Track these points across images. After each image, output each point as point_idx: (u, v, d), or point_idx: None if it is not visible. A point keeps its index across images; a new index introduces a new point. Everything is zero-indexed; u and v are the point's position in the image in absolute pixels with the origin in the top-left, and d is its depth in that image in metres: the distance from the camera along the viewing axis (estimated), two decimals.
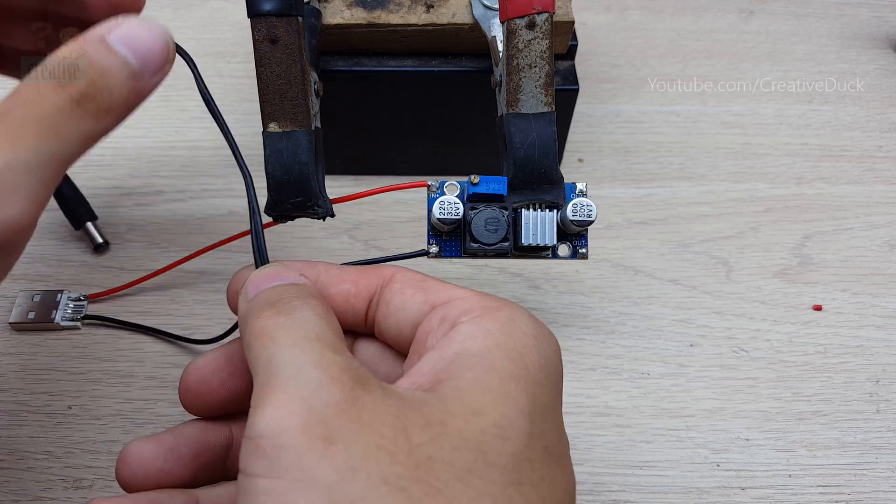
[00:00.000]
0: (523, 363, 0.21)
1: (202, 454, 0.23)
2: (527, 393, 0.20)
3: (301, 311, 0.21)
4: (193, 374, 0.24)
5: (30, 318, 0.33)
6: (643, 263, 0.37)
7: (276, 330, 0.21)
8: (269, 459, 0.18)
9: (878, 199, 0.40)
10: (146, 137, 0.41)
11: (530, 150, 0.27)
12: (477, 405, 0.20)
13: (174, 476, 0.23)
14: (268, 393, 0.19)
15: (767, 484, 0.31)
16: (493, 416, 0.20)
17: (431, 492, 0.18)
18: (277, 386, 0.19)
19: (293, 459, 0.18)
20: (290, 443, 0.18)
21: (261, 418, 0.18)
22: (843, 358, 0.34)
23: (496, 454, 0.19)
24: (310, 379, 0.19)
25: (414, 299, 0.24)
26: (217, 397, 0.24)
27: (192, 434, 0.24)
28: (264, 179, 0.27)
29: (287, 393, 0.19)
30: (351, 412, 0.18)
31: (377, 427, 0.18)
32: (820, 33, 0.48)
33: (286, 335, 0.20)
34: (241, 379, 0.24)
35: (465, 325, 0.22)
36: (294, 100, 0.27)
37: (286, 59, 0.27)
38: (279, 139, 0.27)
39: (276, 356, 0.20)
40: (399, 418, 0.19)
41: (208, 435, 0.24)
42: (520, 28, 0.27)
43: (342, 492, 0.17)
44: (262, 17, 0.26)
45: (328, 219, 0.28)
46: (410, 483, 0.18)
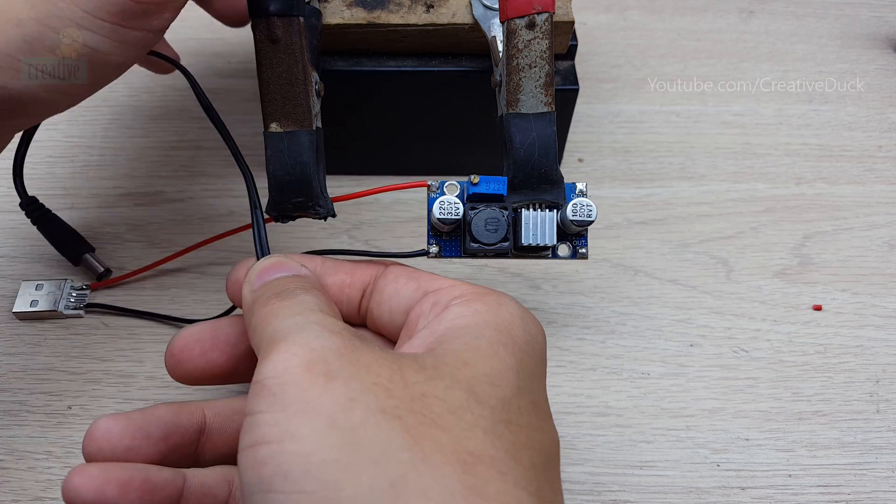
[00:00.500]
0: (510, 335, 0.22)
1: (172, 436, 0.24)
2: (514, 356, 0.22)
3: (302, 295, 0.23)
4: (179, 341, 0.25)
5: (33, 307, 0.34)
6: (643, 263, 0.37)
7: (279, 310, 0.22)
8: (273, 396, 0.19)
9: (878, 199, 0.40)
10: (146, 137, 0.41)
11: (530, 150, 0.27)
12: (467, 358, 0.21)
13: (141, 455, 0.23)
14: (272, 346, 0.20)
15: (767, 484, 0.31)
16: (484, 368, 0.21)
17: (426, 421, 0.19)
18: (281, 339, 0.20)
19: (296, 394, 0.19)
20: (293, 380, 0.19)
21: (266, 363, 0.20)
22: (843, 358, 0.34)
23: (486, 396, 0.20)
24: (311, 330, 0.20)
25: (407, 287, 0.25)
26: (195, 366, 0.25)
27: (164, 415, 0.24)
28: (265, 179, 0.27)
29: (289, 341, 0.20)
30: (350, 355, 0.20)
31: (374, 368, 0.20)
32: (820, 33, 0.48)
33: (288, 311, 0.22)
34: (221, 352, 0.25)
35: (455, 307, 0.23)
36: (295, 100, 0.27)
37: (287, 59, 0.27)
38: (280, 139, 0.27)
39: (278, 324, 0.21)
40: (395, 363, 0.20)
41: (181, 417, 0.24)
42: (520, 28, 0.27)
43: (342, 419, 0.18)
44: (263, 17, 0.26)
45: (329, 219, 0.28)
46: (406, 413, 0.19)
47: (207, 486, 0.24)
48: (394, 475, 0.18)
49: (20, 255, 0.36)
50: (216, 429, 0.25)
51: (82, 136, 0.41)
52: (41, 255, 0.36)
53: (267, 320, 0.22)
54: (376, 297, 0.25)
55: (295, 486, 0.18)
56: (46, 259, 0.36)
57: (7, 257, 0.36)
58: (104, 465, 0.22)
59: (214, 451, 0.25)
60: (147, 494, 0.22)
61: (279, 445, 0.18)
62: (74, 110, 0.41)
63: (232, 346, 0.25)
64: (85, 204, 0.38)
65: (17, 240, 0.37)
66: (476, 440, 0.19)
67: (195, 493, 0.23)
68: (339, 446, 0.18)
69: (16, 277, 0.35)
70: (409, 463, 0.18)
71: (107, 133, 0.41)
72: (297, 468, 0.18)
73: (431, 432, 0.19)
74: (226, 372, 0.26)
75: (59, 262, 0.36)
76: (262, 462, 0.18)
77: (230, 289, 0.26)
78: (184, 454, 0.24)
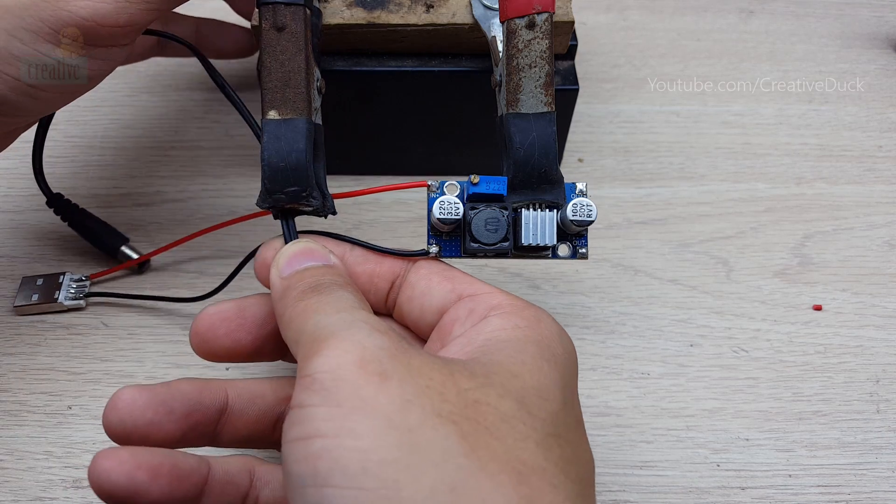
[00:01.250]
0: (551, 352, 0.23)
1: (194, 413, 0.23)
2: (557, 372, 0.22)
3: (339, 291, 0.23)
4: (204, 318, 0.25)
5: (34, 300, 0.34)
6: (643, 263, 0.37)
7: (319, 305, 0.22)
8: (326, 391, 0.19)
9: (878, 199, 0.40)
10: (146, 137, 0.41)
11: (530, 149, 0.27)
12: (515, 370, 0.21)
13: (163, 431, 0.23)
14: (320, 342, 0.20)
15: (767, 484, 0.31)
16: (532, 381, 0.21)
17: (480, 429, 0.19)
18: (330, 335, 0.20)
19: (351, 390, 0.19)
20: (348, 376, 0.19)
21: (318, 358, 0.19)
22: (843, 358, 0.34)
23: (537, 408, 0.20)
24: (361, 328, 0.20)
25: (441, 287, 0.25)
26: (220, 345, 0.25)
27: (187, 391, 0.24)
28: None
29: (340, 338, 0.20)
30: (401, 357, 0.20)
31: (425, 371, 0.20)
32: (820, 33, 0.48)
33: (331, 308, 0.22)
34: (246, 332, 0.25)
35: (494, 318, 0.23)
36: (296, 88, 0.27)
37: (291, 47, 0.26)
38: (278, 126, 0.26)
39: (322, 320, 0.21)
40: (445, 368, 0.20)
41: (203, 395, 0.24)
42: (520, 28, 0.27)
43: (399, 420, 0.18)
44: (269, 4, 0.26)
45: (329, 217, 0.28)
46: (461, 419, 0.19)
47: (230, 475, 0.24)
48: (454, 480, 0.18)
49: (20, 255, 0.36)
50: (237, 410, 0.24)
51: (82, 136, 0.41)
52: (42, 255, 0.36)
53: (306, 314, 0.22)
54: (407, 292, 0.26)
55: (353, 482, 0.17)
56: (47, 259, 0.36)
57: (7, 257, 0.36)
58: (134, 449, 0.22)
59: (233, 433, 0.24)
60: (175, 481, 0.22)
61: (336, 440, 0.18)
62: (74, 110, 0.41)
63: (258, 326, 0.25)
64: (85, 204, 0.38)
65: (17, 239, 0.37)
66: (528, 451, 0.19)
67: (219, 481, 0.23)
68: (399, 446, 0.18)
69: (16, 277, 0.35)
70: (468, 469, 0.18)
71: (107, 133, 0.41)
72: (356, 464, 0.18)
73: (486, 440, 0.19)
74: (251, 351, 0.26)
75: (60, 262, 0.36)
76: (316, 455, 0.18)
77: (259, 270, 0.26)
78: (203, 433, 0.24)
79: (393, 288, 0.26)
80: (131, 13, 0.25)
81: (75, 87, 0.27)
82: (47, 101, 0.27)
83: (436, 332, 0.25)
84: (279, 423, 0.25)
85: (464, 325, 0.24)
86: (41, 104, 0.27)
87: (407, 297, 0.26)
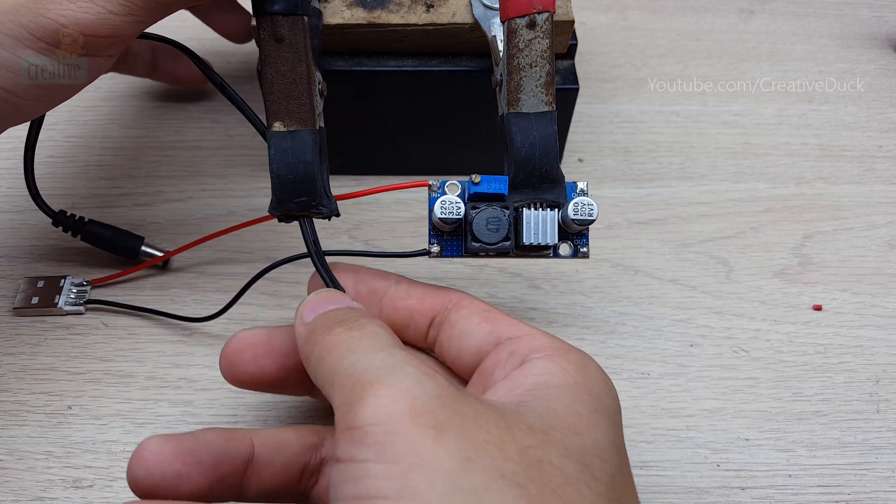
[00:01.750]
0: (602, 403, 0.22)
1: (222, 464, 0.22)
2: (611, 429, 0.21)
3: (371, 326, 0.22)
4: (234, 342, 0.25)
5: (34, 302, 0.34)
6: (643, 263, 0.37)
7: (352, 342, 0.21)
8: (379, 445, 0.18)
9: (878, 199, 0.40)
10: (146, 137, 0.41)
11: (531, 149, 0.27)
12: (573, 426, 0.20)
13: (191, 484, 0.22)
14: (364, 388, 0.19)
15: (767, 484, 0.31)
16: (590, 438, 0.20)
17: (547, 492, 0.18)
18: (375, 380, 0.19)
19: (407, 445, 0.18)
20: (401, 430, 0.18)
21: (365, 408, 0.18)
22: (843, 358, 0.34)
23: (598, 470, 0.19)
24: (407, 373, 0.19)
25: (480, 328, 0.25)
26: (246, 370, 0.25)
27: (214, 441, 0.23)
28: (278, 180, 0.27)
29: (387, 385, 0.19)
30: (454, 406, 0.19)
31: (482, 423, 0.19)
32: (820, 33, 0.48)
33: (366, 345, 0.21)
34: (272, 360, 0.25)
35: (540, 361, 0.22)
36: (299, 99, 0.27)
37: (292, 58, 0.26)
38: (284, 138, 0.27)
39: (361, 360, 0.20)
40: (501, 419, 0.19)
41: (230, 445, 0.23)
42: (520, 28, 0.27)
43: (462, 480, 0.17)
44: (267, 16, 0.26)
45: (329, 219, 0.28)
46: (526, 480, 0.18)
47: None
48: None
49: (21, 256, 0.36)
50: (263, 460, 0.23)
51: (82, 136, 0.41)
52: (42, 255, 0.36)
53: (338, 351, 0.21)
54: (447, 331, 0.25)
55: None
56: (47, 259, 0.36)
57: (7, 257, 0.36)
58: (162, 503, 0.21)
59: (259, 484, 0.23)
60: None
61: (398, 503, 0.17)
62: (74, 110, 0.41)
63: (284, 356, 0.25)
64: (85, 204, 0.38)
65: (17, 240, 0.37)
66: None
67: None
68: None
69: (17, 277, 0.35)
70: None
71: (107, 133, 0.41)
72: None
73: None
74: (275, 381, 0.25)
75: (61, 262, 0.36)
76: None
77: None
78: (230, 485, 0.23)
79: (433, 325, 0.26)
80: (115, 25, 0.24)
81: (55, 94, 0.26)
82: (24, 108, 0.26)
83: (477, 376, 0.24)
84: (305, 474, 0.24)
85: (504, 369, 0.23)
86: (18, 112, 0.26)
87: (447, 335, 0.25)
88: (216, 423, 0.31)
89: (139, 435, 0.31)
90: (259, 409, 0.32)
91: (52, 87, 0.26)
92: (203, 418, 0.31)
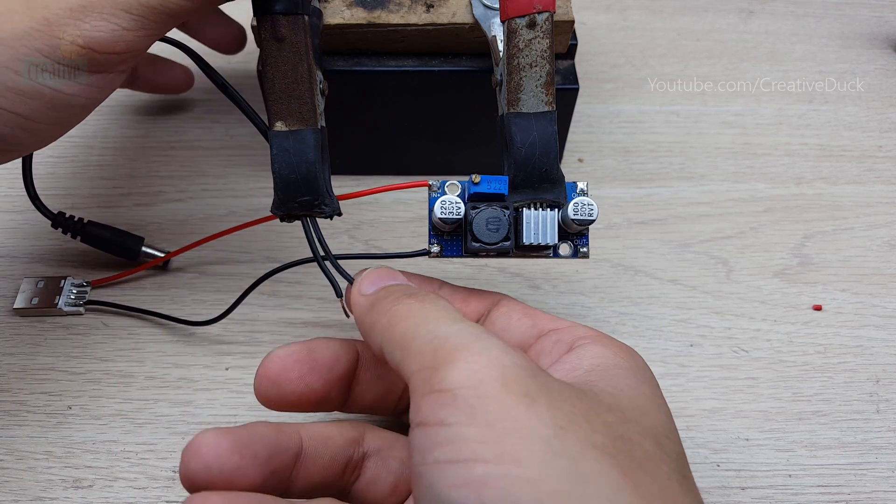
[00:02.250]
0: (654, 385, 0.22)
1: (275, 457, 0.22)
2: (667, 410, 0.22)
3: (441, 301, 0.22)
4: (275, 361, 0.24)
5: (34, 303, 0.34)
6: (643, 263, 0.37)
7: (426, 312, 0.21)
8: (472, 409, 0.18)
9: (878, 199, 0.40)
10: (146, 137, 0.41)
11: (531, 149, 0.27)
12: (642, 406, 0.21)
13: (248, 477, 0.21)
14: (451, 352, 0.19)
15: (767, 484, 0.31)
16: (658, 419, 0.21)
17: (634, 465, 0.18)
18: (462, 346, 0.19)
19: (500, 410, 0.18)
20: (494, 394, 0.18)
21: (456, 371, 0.18)
22: (843, 358, 0.34)
23: (669, 449, 0.20)
24: (493, 343, 0.19)
25: (521, 323, 0.25)
26: (293, 389, 0.24)
27: (267, 433, 0.22)
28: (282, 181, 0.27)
29: (475, 351, 0.19)
30: (540, 378, 0.19)
31: (567, 396, 0.19)
32: (820, 33, 0.48)
33: (443, 315, 0.21)
34: (319, 376, 0.24)
35: (590, 346, 0.23)
36: (301, 98, 0.27)
37: (293, 57, 0.26)
38: (286, 138, 0.27)
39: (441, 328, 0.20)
40: (582, 396, 0.19)
41: (281, 437, 0.23)
42: (520, 27, 0.27)
43: (559, 446, 0.17)
44: (268, 15, 0.26)
45: (331, 218, 0.28)
46: (616, 451, 0.18)
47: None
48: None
49: (21, 255, 0.36)
50: (311, 454, 0.23)
51: (82, 136, 0.41)
52: (42, 255, 0.36)
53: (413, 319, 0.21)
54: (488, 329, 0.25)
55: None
56: (47, 259, 0.36)
57: (7, 257, 0.36)
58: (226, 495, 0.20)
59: (307, 478, 0.23)
60: None
61: (500, 468, 0.17)
62: None
63: (328, 370, 0.25)
64: (85, 204, 0.38)
65: (17, 240, 0.37)
66: (674, 491, 0.19)
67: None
68: (568, 477, 0.17)
69: (16, 277, 0.35)
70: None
71: (107, 133, 0.41)
72: (528, 496, 0.16)
73: (642, 478, 0.18)
74: (320, 398, 0.25)
75: (61, 262, 0.36)
76: (479, 483, 0.17)
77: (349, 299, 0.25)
78: (281, 478, 0.23)
79: None
80: (129, 41, 0.25)
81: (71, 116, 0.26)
82: (41, 133, 0.26)
83: None
84: (348, 469, 0.24)
85: (552, 356, 0.23)
86: (35, 137, 0.26)
87: None
88: (216, 423, 0.31)
89: (139, 435, 0.31)
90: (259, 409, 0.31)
91: (67, 108, 0.25)
92: (203, 418, 0.31)
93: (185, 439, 0.31)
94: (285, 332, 0.34)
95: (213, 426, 0.22)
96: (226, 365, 0.33)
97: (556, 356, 0.23)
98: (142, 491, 0.29)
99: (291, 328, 0.34)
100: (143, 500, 0.29)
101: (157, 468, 0.30)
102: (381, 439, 0.25)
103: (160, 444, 0.31)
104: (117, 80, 0.27)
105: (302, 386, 0.24)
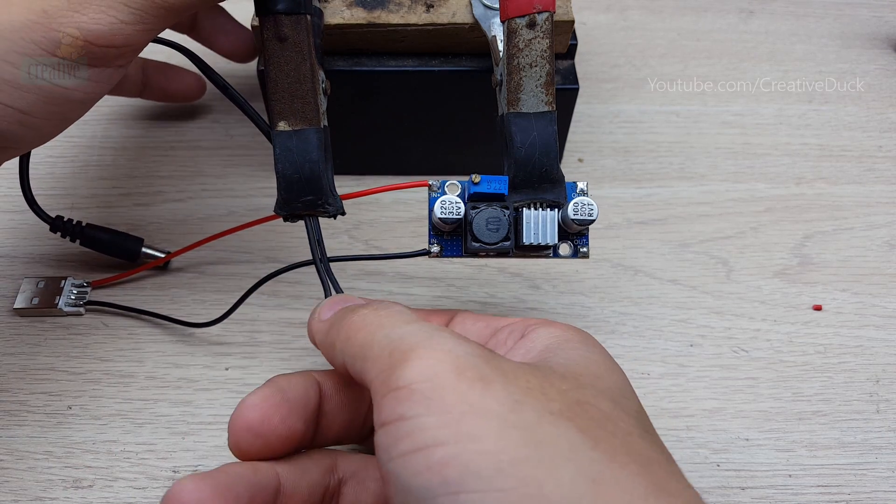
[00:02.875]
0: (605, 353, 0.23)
1: (256, 497, 0.22)
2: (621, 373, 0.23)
3: (395, 306, 0.23)
4: (253, 410, 0.23)
5: (34, 303, 0.34)
6: (643, 263, 0.37)
7: (380, 319, 0.21)
8: (428, 400, 0.18)
9: (878, 199, 0.40)
10: (146, 137, 0.41)
11: (531, 149, 0.27)
12: (595, 371, 0.22)
13: None
14: (405, 353, 0.19)
15: (767, 484, 0.31)
16: (612, 381, 0.22)
17: (593, 424, 0.19)
18: (415, 345, 0.20)
19: (456, 397, 0.18)
20: (448, 384, 0.18)
21: (410, 369, 0.19)
22: (843, 358, 0.34)
23: (626, 406, 0.21)
24: (445, 338, 0.20)
25: (475, 325, 0.26)
26: (278, 436, 0.23)
27: (244, 473, 0.22)
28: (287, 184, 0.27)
29: (428, 347, 0.19)
30: (493, 362, 0.20)
31: (521, 374, 0.20)
32: (820, 33, 0.48)
33: (398, 320, 0.21)
34: (298, 416, 0.24)
35: (540, 329, 0.24)
36: (304, 98, 0.27)
37: (295, 57, 0.26)
38: (289, 137, 0.27)
39: (394, 332, 0.20)
40: (536, 371, 0.20)
41: (259, 476, 0.22)
42: (520, 27, 0.27)
43: (515, 419, 0.18)
44: (270, 15, 0.26)
45: (334, 217, 0.28)
46: (573, 415, 0.19)
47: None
48: (591, 472, 0.17)
49: (21, 255, 0.36)
50: (289, 489, 0.23)
51: (82, 136, 0.41)
52: (42, 255, 0.36)
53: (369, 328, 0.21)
54: None
55: (491, 485, 0.17)
56: (47, 259, 0.36)
57: (7, 257, 0.36)
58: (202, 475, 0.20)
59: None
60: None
61: (458, 446, 0.17)
62: None
63: (303, 407, 0.24)
64: (85, 204, 0.38)
65: (17, 240, 0.37)
66: (637, 444, 0.19)
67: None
68: (525, 444, 0.18)
69: (17, 277, 0.35)
70: (602, 461, 0.18)
71: (107, 133, 0.41)
72: (489, 467, 0.17)
73: (602, 434, 0.19)
74: (300, 438, 0.24)
75: (61, 262, 0.36)
76: (441, 464, 0.17)
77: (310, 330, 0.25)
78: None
79: None
80: (127, 34, 0.25)
81: (70, 111, 0.26)
82: (40, 129, 0.26)
83: None
84: (326, 497, 0.24)
85: (506, 345, 0.24)
86: (34, 133, 0.26)
87: None
88: (216, 423, 0.31)
89: (139, 435, 0.31)
90: None
91: (66, 102, 0.25)
92: (203, 418, 0.31)
93: (185, 439, 0.31)
94: (285, 332, 0.34)
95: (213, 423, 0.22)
96: (226, 365, 0.33)
97: (510, 345, 0.24)
98: (142, 491, 0.29)
99: (291, 328, 0.34)
100: (143, 500, 0.29)
101: (156, 468, 0.30)
102: (354, 463, 0.25)
103: (160, 445, 0.31)
104: (116, 76, 0.27)
105: (285, 430, 0.23)
